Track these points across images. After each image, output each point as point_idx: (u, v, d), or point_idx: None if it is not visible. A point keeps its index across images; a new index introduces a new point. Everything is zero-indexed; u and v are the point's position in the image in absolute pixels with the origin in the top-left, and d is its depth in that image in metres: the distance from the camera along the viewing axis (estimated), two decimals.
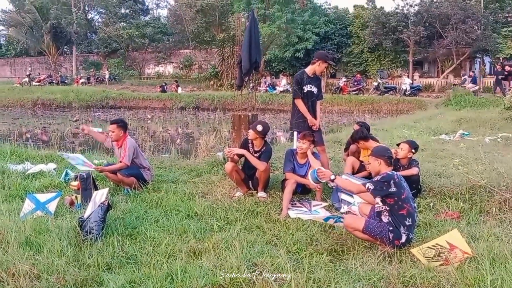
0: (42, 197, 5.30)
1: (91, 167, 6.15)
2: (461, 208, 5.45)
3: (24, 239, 4.22)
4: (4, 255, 3.85)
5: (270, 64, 37.35)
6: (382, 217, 4.27)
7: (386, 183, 4.18)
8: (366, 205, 4.82)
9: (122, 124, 6.43)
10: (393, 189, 4.16)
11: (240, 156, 6.17)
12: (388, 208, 4.22)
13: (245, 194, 6.14)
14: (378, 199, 4.31)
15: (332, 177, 4.42)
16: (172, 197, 5.89)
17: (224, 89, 32.74)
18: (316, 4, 37.96)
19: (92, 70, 42.59)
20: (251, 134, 6.11)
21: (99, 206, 4.65)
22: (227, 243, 4.29)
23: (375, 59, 35.65)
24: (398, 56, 34.46)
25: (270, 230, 4.80)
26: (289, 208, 5.48)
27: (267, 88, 31.44)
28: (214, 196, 6.14)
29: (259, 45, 8.57)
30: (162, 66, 47.00)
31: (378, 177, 4.28)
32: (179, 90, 33.10)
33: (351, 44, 36.42)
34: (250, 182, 6.24)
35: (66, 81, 40.33)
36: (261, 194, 6.03)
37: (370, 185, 4.24)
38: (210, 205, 5.65)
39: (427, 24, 30.39)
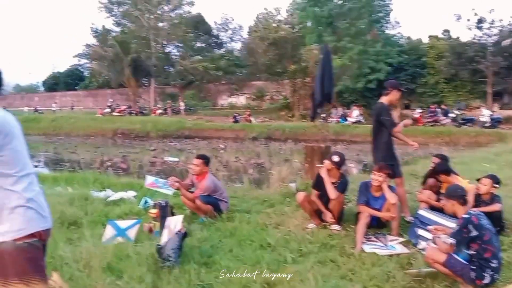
0: (122, 223, 5.53)
1: (173, 186, 6.39)
2: None
3: (106, 264, 4.40)
4: (87, 279, 4.04)
5: (342, 95, 37.20)
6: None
7: (465, 229, 3.99)
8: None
9: (206, 160, 6.68)
10: (474, 233, 3.96)
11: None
12: (474, 252, 4.02)
13: (318, 226, 6.08)
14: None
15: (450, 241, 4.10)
16: (246, 227, 5.94)
17: (295, 119, 32.87)
18: (388, 34, 37.63)
19: (168, 101, 44.25)
20: (326, 164, 6.07)
21: (176, 233, 4.77)
22: (301, 276, 4.26)
23: (452, 90, 34.61)
24: (475, 86, 33.30)
25: (345, 265, 4.71)
26: (364, 242, 5.36)
27: (339, 119, 31.24)
28: (287, 227, 6.12)
29: (332, 78, 8.58)
30: (235, 97, 48.03)
31: (456, 227, 4.12)
32: (252, 120, 33.60)
33: (426, 74, 35.67)
34: (322, 214, 6.18)
35: (144, 111, 42.06)
36: (335, 226, 5.95)
37: (451, 241, 4.01)
38: (283, 236, 5.64)
39: (506, 54, 29.22)
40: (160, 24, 49.61)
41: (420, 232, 5.43)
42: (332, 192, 5.88)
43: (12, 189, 2.42)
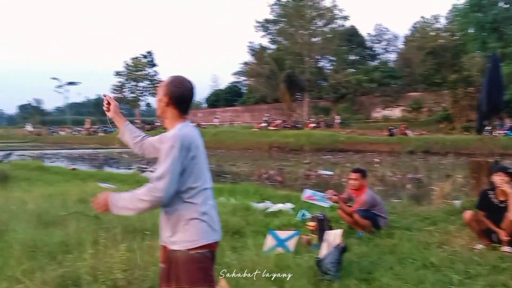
0: (282, 234, 5.68)
1: (331, 199, 6.42)
2: None
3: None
4: (252, 286, 4.22)
5: (509, 105, 34.03)
6: None
7: None
8: None
9: (364, 174, 6.61)
10: None
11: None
12: None
13: (487, 247, 5.62)
14: None
15: None
16: (407, 244, 5.72)
17: (457, 132, 30.89)
18: None
19: (321, 115, 44.62)
20: (497, 179, 5.62)
21: (335, 247, 4.78)
22: None
23: None
24: None
25: None
26: None
27: (506, 132, 28.62)
28: (451, 246, 5.75)
29: (501, 88, 7.94)
30: (389, 110, 46.72)
31: None
32: (408, 133, 32.37)
33: None
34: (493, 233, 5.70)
35: (298, 125, 42.91)
36: (507, 248, 5.45)
37: None
38: (448, 256, 5.31)
39: None
40: (314, 40, 50.45)
41: None
42: None
43: (191, 201, 2.61)
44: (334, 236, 5.10)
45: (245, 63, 60.33)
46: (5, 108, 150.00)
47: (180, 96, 2.72)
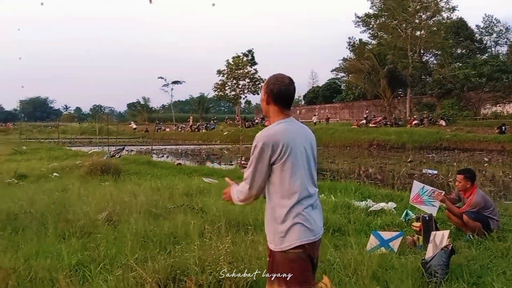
0: (386, 234, 5.56)
1: (438, 197, 6.17)
2: None
3: (371, 273, 4.49)
4: (355, 285, 4.19)
5: None
6: None
7: None
8: None
9: (469, 176, 6.26)
10: None
11: None
12: None
13: None
14: None
15: None
16: None
17: None
18: None
19: (425, 111, 42.90)
20: None
21: (442, 249, 4.60)
22: None
23: None
24: None
25: None
26: None
27: None
28: None
29: None
30: (500, 106, 43.77)
31: None
32: None
33: None
34: None
35: (399, 122, 41.62)
36: None
37: None
38: None
39: None
40: (418, 33, 48.55)
41: None
42: None
43: (284, 203, 2.63)
44: (441, 238, 4.91)
45: (344, 59, 59.60)
46: (115, 106, 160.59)
47: (278, 92, 2.74)
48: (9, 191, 9.36)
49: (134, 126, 64.61)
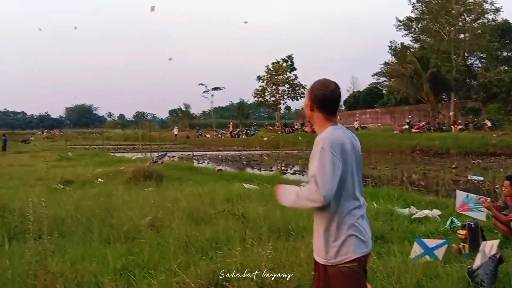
0: (430, 242, 5.45)
1: (483, 203, 6.00)
2: None
3: (415, 282, 4.40)
4: None
5: None
6: None
7: None
8: None
9: None
10: None
11: None
12: None
13: None
14: None
15: None
16: None
17: None
18: None
19: (470, 116, 41.80)
20: None
21: (490, 258, 4.49)
22: None
23: None
24: None
25: None
26: None
27: None
28: None
29: None
30: None
31: None
32: None
33: None
34: None
35: (443, 127, 40.66)
36: None
37: None
38: None
39: None
40: (462, 36, 47.39)
41: None
42: None
43: (336, 214, 2.54)
44: (491, 247, 4.79)
45: (386, 64, 58.71)
46: (158, 112, 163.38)
47: (322, 97, 2.65)
48: (56, 196, 9.63)
49: (176, 132, 65.44)
